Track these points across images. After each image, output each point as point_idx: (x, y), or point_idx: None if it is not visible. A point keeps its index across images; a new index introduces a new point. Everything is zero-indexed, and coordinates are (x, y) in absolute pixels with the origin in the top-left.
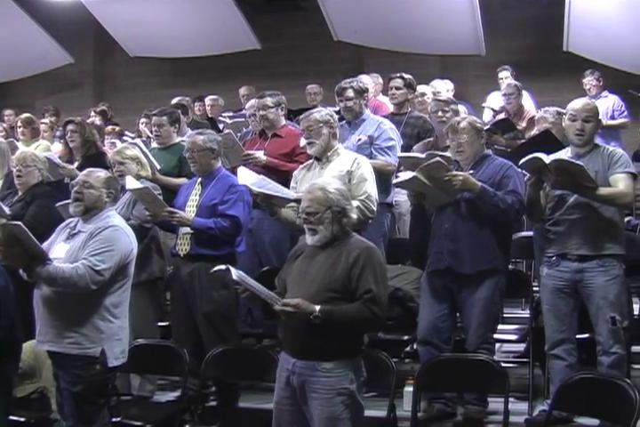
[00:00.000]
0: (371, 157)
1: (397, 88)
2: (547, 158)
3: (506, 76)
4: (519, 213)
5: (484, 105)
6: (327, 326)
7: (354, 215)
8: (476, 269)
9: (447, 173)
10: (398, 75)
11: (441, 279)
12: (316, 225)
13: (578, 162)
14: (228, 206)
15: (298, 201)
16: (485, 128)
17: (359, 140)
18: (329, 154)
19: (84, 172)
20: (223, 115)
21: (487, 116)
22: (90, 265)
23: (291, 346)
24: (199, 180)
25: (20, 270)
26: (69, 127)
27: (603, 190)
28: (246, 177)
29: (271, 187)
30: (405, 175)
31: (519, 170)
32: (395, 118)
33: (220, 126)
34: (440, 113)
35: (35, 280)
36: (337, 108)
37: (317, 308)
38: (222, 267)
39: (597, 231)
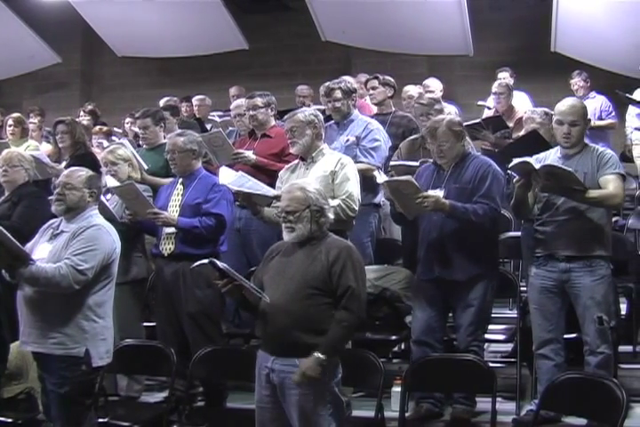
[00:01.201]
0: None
1: (374, 88)
2: (536, 163)
3: (504, 77)
4: (494, 220)
5: (479, 103)
6: (307, 324)
7: (331, 215)
8: (468, 275)
9: (417, 193)
10: (373, 76)
11: (434, 284)
12: (295, 223)
13: (568, 169)
14: (212, 205)
15: (279, 198)
16: (475, 121)
17: (347, 140)
18: (313, 154)
19: (65, 172)
20: (212, 114)
21: (485, 115)
22: (72, 265)
23: (270, 344)
24: (180, 180)
25: (3, 271)
26: (60, 127)
27: (592, 193)
28: (226, 177)
29: (250, 185)
30: (380, 178)
31: (498, 169)
32: (379, 118)
33: (209, 126)
34: (426, 117)
35: (17, 281)
36: (322, 107)
37: (317, 355)
38: (205, 261)
39: (584, 233)
